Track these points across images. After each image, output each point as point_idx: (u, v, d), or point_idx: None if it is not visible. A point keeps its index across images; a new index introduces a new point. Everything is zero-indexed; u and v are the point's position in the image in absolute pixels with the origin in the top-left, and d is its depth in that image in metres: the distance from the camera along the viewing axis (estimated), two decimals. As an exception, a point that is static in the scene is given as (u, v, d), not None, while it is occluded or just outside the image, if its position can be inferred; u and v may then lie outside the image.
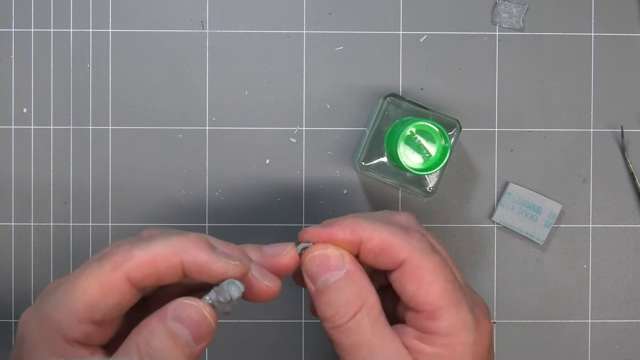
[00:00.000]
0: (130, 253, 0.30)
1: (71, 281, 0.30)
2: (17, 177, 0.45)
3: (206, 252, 0.31)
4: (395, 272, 0.32)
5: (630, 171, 0.46)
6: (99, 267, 0.30)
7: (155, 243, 0.30)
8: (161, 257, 0.30)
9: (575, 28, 0.46)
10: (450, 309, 0.31)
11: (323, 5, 0.45)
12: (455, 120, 0.40)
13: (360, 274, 0.33)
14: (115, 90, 0.45)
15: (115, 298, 0.30)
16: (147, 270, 0.30)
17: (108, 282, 0.30)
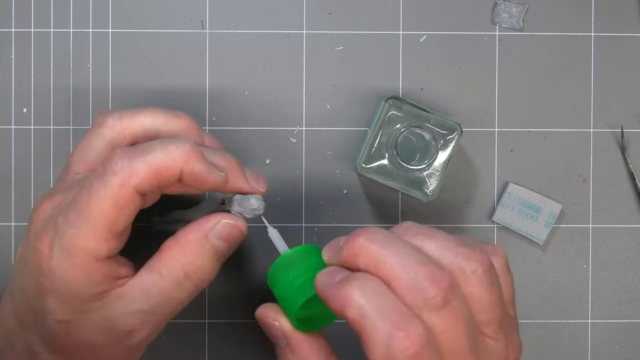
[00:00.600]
0: (134, 167, 0.32)
1: (81, 205, 0.32)
2: (17, 177, 0.45)
3: (203, 163, 0.33)
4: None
5: (630, 171, 0.46)
6: (108, 187, 0.31)
7: (156, 152, 0.32)
8: (164, 168, 0.32)
9: (575, 28, 0.46)
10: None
11: (323, 5, 0.45)
12: (456, 124, 0.40)
13: (301, 348, 0.33)
14: (115, 90, 0.45)
15: (130, 210, 0.32)
16: (152, 181, 0.32)
17: (121, 199, 0.31)
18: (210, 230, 0.34)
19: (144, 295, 0.33)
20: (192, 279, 0.33)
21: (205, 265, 0.34)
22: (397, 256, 0.29)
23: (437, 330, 0.28)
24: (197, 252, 0.33)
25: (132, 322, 0.32)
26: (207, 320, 0.45)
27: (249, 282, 0.46)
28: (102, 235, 0.32)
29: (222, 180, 0.34)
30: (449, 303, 0.28)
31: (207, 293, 0.45)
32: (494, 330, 0.30)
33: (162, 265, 0.33)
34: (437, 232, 0.31)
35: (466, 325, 0.29)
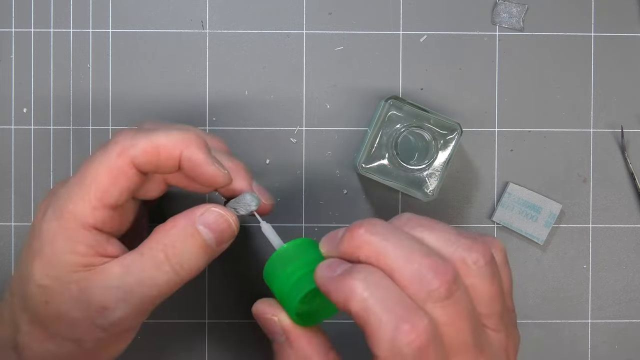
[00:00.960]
0: (135, 139, 0.32)
1: (80, 173, 0.33)
2: (17, 177, 0.45)
3: (203, 153, 0.33)
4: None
5: (630, 171, 0.46)
6: (105, 154, 0.32)
7: (159, 133, 0.33)
8: (164, 146, 0.32)
9: (575, 28, 0.46)
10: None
11: (323, 5, 0.45)
12: (457, 124, 0.40)
13: (300, 343, 0.32)
14: (115, 90, 0.45)
15: (123, 182, 0.32)
16: (150, 157, 0.32)
17: (116, 167, 0.32)
18: (197, 216, 0.34)
19: (123, 272, 0.32)
20: (172, 262, 0.33)
21: (186, 251, 0.33)
22: (399, 248, 0.29)
23: (440, 322, 0.28)
24: (180, 235, 0.33)
25: (107, 298, 0.32)
26: (207, 320, 0.45)
27: (249, 282, 0.46)
28: (92, 202, 0.32)
29: (223, 176, 0.34)
30: (452, 294, 0.28)
31: (207, 293, 0.45)
32: (495, 322, 0.30)
33: (144, 246, 0.33)
34: (437, 224, 0.31)
35: (469, 317, 0.29)
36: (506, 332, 0.31)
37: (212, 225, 0.34)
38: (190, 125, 0.38)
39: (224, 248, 0.35)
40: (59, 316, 0.32)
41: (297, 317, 0.33)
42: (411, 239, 0.29)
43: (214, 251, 0.34)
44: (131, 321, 0.33)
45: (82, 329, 0.32)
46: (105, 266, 0.32)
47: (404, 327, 0.27)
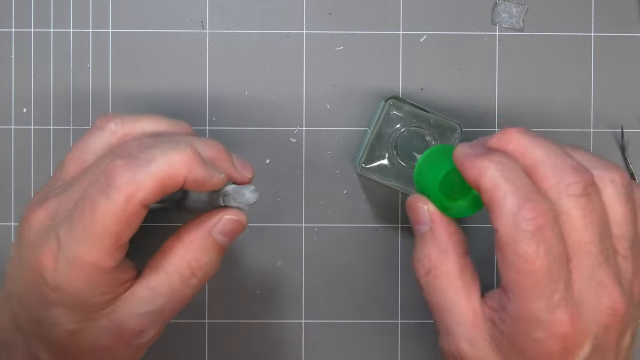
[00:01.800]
0: (139, 181, 0.31)
1: (87, 223, 0.31)
2: (17, 177, 0.45)
3: (204, 170, 0.33)
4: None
5: (630, 171, 0.46)
6: (112, 203, 0.31)
7: (159, 163, 0.31)
8: (168, 178, 0.32)
9: (575, 28, 0.46)
10: (522, 297, 0.30)
11: (323, 5, 0.45)
12: (457, 124, 0.40)
13: (442, 234, 0.34)
14: (115, 90, 0.45)
15: (135, 222, 0.32)
16: (157, 192, 0.32)
17: (127, 214, 0.31)
18: (213, 227, 0.34)
19: (152, 295, 0.33)
20: (198, 275, 0.34)
21: (209, 261, 0.34)
22: (546, 147, 0.31)
23: (571, 215, 0.30)
24: (201, 248, 0.34)
25: (143, 322, 0.33)
26: (207, 320, 0.45)
27: (249, 282, 0.46)
28: (109, 250, 0.31)
29: (222, 181, 0.34)
30: (588, 195, 0.30)
31: (207, 293, 0.45)
32: (625, 247, 0.31)
33: (168, 264, 0.33)
34: (578, 148, 0.33)
35: (599, 223, 0.30)
36: (634, 265, 0.31)
37: (228, 232, 0.35)
38: (181, 121, 0.37)
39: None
40: (93, 348, 0.33)
41: (440, 206, 0.35)
42: (559, 146, 0.32)
43: (227, 248, 0.36)
44: (159, 332, 0.34)
45: (118, 352, 0.33)
46: (133, 292, 0.33)
47: (526, 205, 0.29)
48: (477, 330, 0.32)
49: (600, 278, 0.30)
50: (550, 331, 0.30)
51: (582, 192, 0.30)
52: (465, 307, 0.33)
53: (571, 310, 0.30)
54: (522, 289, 0.30)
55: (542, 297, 0.29)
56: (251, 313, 0.46)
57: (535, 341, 0.30)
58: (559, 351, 0.30)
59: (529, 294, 0.30)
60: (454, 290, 0.33)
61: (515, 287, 0.30)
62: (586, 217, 0.30)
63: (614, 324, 0.31)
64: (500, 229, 0.30)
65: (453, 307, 0.33)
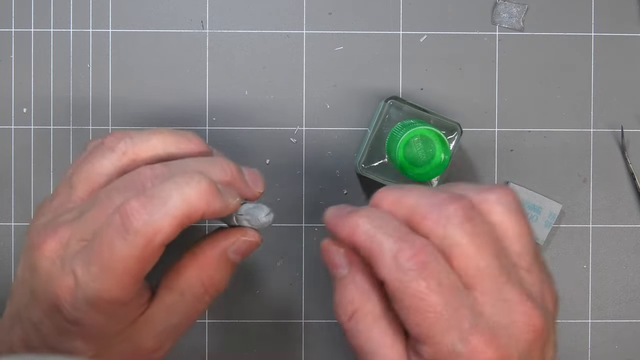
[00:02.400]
0: (157, 224, 0.30)
1: (106, 263, 0.31)
2: (17, 177, 0.45)
3: (220, 200, 0.32)
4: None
5: (630, 171, 0.46)
6: (132, 247, 0.30)
7: (175, 202, 0.31)
8: (186, 217, 0.31)
9: (575, 28, 0.46)
10: (432, 337, 0.29)
11: (323, 5, 0.45)
12: (456, 124, 0.40)
13: (360, 276, 0.32)
14: (115, 90, 0.45)
15: (154, 260, 0.31)
16: (176, 231, 0.31)
17: (145, 256, 0.31)
18: (229, 247, 0.34)
19: (168, 315, 0.33)
20: (210, 292, 0.34)
21: (222, 278, 0.34)
22: (416, 191, 0.31)
23: (461, 244, 0.29)
24: (216, 268, 0.34)
25: (159, 340, 0.33)
26: (207, 320, 0.45)
27: (249, 281, 0.46)
28: (128, 286, 0.31)
29: (237, 205, 0.34)
30: (471, 219, 0.29)
31: (207, 293, 0.45)
32: (528, 260, 0.31)
33: (182, 283, 0.34)
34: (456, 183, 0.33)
35: (492, 243, 0.30)
36: (540, 276, 0.31)
37: (242, 252, 0.35)
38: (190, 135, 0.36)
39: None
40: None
41: (408, 173, 0.39)
42: (428, 188, 0.32)
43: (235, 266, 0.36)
44: (175, 344, 0.35)
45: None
46: (149, 314, 0.33)
47: (404, 246, 0.29)
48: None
49: (508, 297, 0.29)
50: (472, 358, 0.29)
51: (464, 218, 0.29)
52: (391, 348, 0.31)
53: (486, 335, 0.29)
54: (428, 328, 0.29)
55: (451, 329, 0.29)
56: (251, 313, 0.45)
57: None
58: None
59: (437, 330, 0.29)
60: (379, 331, 0.31)
61: (422, 329, 0.29)
62: (475, 241, 0.29)
63: (534, 340, 0.30)
64: (386, 276, 0.29)
65: (379, 351, 0.31)
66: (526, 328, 0.29)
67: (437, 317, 0.29)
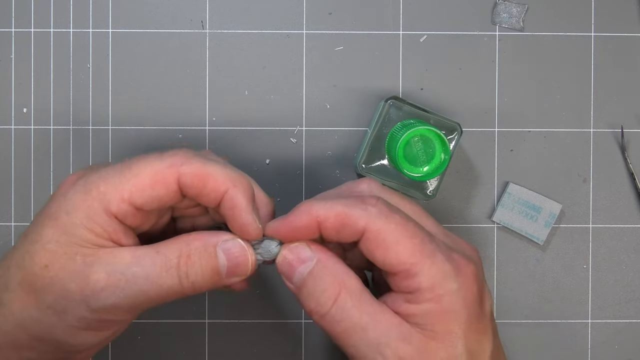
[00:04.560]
0: (190, 160, 0.33)
1: (126, 163, 0.33)
2: (17, 177, 0.45)
3: (247, 199, 0.33)
4: (361, 243, 0.32)
5: (630, 171, 0.46)
6: (158, 160, 0.33)
7: (214, 164, 0.33)
8: (214, 177, 0.33)
9: (575, 28, 0.46)
10: (424, 262, 0.31)
11: (323, 5, 0.45)
12: (456, 124, 0.40)
13: (331, 259, 0.33)
14: (115, 90, 0.45)
15: (161, 191, 0.32)
16: (197, 181, 0.32)
17: (162, 174, 0.32)
18: (221, 240, 0.34)
19: (132, 261, 0.32)
20: (180, 270, 0.33)
21: (197, 265, 0.33)
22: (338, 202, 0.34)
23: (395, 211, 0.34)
24: (198, 249, 0.33)
25: (108, 279, 0.32)
26: (207, 320, 0.45)
27: (249, 282, 0.46)
28: (123, 194, 0.32)
29: (255, 229, 0.34)
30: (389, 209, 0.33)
31: (207, 293, 0.45)
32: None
33: (162, 245, 0.33)
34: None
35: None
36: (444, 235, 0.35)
37: (231, 255, 0.34)
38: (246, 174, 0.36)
39: (232, 282, 0.34)
40: (53, 282, 0.32)
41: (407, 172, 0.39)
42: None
43: (221, 280, 0.34)
44: (121, 313, 0.33)
45: (71, 303, 0.32)
46: (116, 250, 0.32)
47: (364, 199, 0.33)
48: (406, 327, 0.32)
49: (449, 234, 0.35)
50: (463, 275, 0.32)
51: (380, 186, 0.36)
52: (385, 312, 0.32)
53: (461, 254, 0.33)
54: (419, 254, 0.31)
55: (436, 251, 0.32)
56: (251, 313, 0.46)
57: (458, 291, 0.31)
58: (479, 292, 0.32)
59: (426, 253, 0.31)
60: (369, 301, 0.32)
61: (413, 257, 0.31)
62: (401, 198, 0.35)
63: (480, 265, 0.34)
64: (366, 225, 0.32)
65: (376, 317, 0.32)
66: (474, 254, 0.35)
67: (422, 241, 0.32)
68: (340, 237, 0.33)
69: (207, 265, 0.33)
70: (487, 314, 0.33)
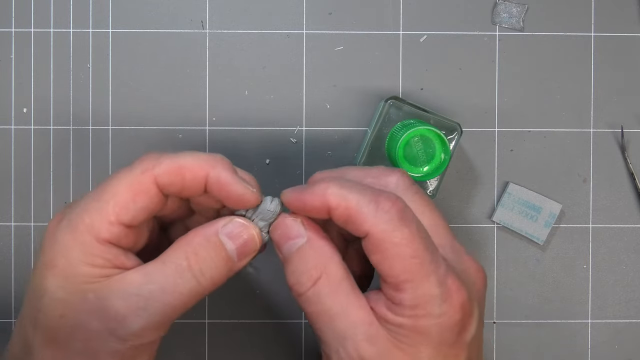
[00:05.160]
0: (159, 160, 0.32)
1: (101, 187, 0.32)
2: (17, 177, 0.45)
3: (230, 173, 0.33)
4: (363, 240, 0.32)
5: (630, 171, 0.46)
6: (129, 172, 0.32)
7: (185, 155, 0.32)
8: (189, 167, 0.32)
9: (575, 28, 0.46)
10: (415, 282, 0.30)
11: (323, 5, 0.45)
12: (456, 124, 0.40)
13: (321, 241, 0.33)
14: (115, 90, 0.45)
15: (143, 200, 0.32)
16: (174, 177, 0.32)
17: (138, 184, 0.32)
18: (220, 227, 0.33)
19: (144, 280, 0.31)
20: (194, 270, 0.32)
21: (209, 259, 0.33)
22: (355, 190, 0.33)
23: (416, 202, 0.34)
24: (202, 243, 0.33)
25: (127, 306, 0.31)
26: (207, 320, 0.45)
27: (249, 282, 0.46)
28: (109, 217, 0.31)
29: (252, 194, 0.33)
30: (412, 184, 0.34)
31: (207, 293, 0.45)
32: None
33: (166, 254, 0.32)
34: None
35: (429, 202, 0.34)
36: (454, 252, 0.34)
37: (234, 236, 0.33)
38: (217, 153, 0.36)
39: (245, 263, 0.34)
40: (76, 329, 0.31)
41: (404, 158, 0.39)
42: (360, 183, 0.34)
43: (235, 265, 0.34)
44: (151, 333, 0.32)
45: (100, 342, 0.31)
46: (125, 274, 0.32)
47: (380, 199, 0.31)
48: (375, 328, 0.31)
49: (457, 248, 0.33)
50: (450, 302, 0.31)
51: (410, 184, 0.34)
52: (359, 307, 0.32)
53: (457, 278, 0.31)
54: (412, 273, 0.30)
55: (432, 274, 0.30)
56: (251, 313, 0.46)
57: (439, 318, 0.31)
58: (461, 320, 0.31)
59: (420, 275, 0.30)
60: (346, 292, 0.32)
61: (406, 275, 0.30)
62: (425, 202, 0.34)
63: (483, 282, 0.34)
64: (371, 228, 0.31)
65: (347, 310, 0.32)
66: (476, 274, 0.34)
67: (421, 262, 0.30)
68: (345, 228, 0.32)
69: (217, 255, 0.33)
70: (464, 342, 0.32)
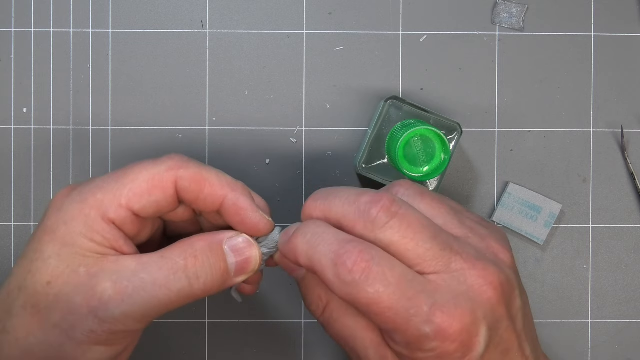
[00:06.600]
0: (187, 164, 0.33)
1: (122, 170, 0.33)
2: (17, 177, 0.45)
3: (249, 199, 0.33)
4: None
5: (630, 171, 0.46)
6: (154, 165, 0.32)
7: (210, 170, 0.33)
8: (210, 182, 0.33)
9: (575, 28, 0.46)
10: (399, 330, 0.30)
11: (323, 5, 0.45)
12: (456, 124, 0.40)
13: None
14: (115, 90, 0.45)
15: (158, 196, 0.32)
16: (194, 185, 0.32)
17: (159, 179, 0.32)
18: (226, 238, 0.33)
19: (138, 268, 0.31)
20: (189, 272, 0.32)
21: (206, 265, 0.32)
22: (340, 197, 0.32)
23: (395, 241, 0.31)
24: (204, 249, 0.33)
25: (115, 287, 0.30)
26: (207, 320, 0.45)
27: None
28: (120, 200, 0.31)
29: (266, 223, 0.34)
30: (394, 215, 0.31)
31: (207, 293, 0.45)
32: (457, 226, 0.33)
33: (166, 250, 0.32)
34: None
35: (424, 226, 0.31)
36: (481, 233, 0.33)
37: (238, 250, 0.33)
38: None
39: (240, 281, 0.34)
40: (58, 298, 0.31)
41: (407, 172, 0.39)
42: (346, 189, 0.33)
43: (230, 279, 0.34)
44: (131, 322, 0.31)
45: (78, 318, 0.30)
46: (120, 258, 0.31)
47: (341, 260, 0.30)
48: (383, 349, 0.32)
49: (458, 266, 0.31)
50: (441, 336, 0.30)
51: (389, 216, 0.31)
52: (367, 329, 0.33)
53: (448, 310, 0.30)
54: (392, 323, 0.30)
55: (413, 317, 0.30)
56: (251, 313, 0.46)
57: (434, 351, 0.30)
58: (459, 348, 0.30)
59: (400, 322, 0.30)
60: (353, 316, 0.33)
61: (387, 325, 0.30)
62: (407, 235, 0.31)
63: (495, 296, 0.31)
64: (336, 292, 0.30)
65: (356, 333, 0.33)
66: (483, 288, 0.31)
67: (395, 312, 0.30)
68: None
69: (215, 264, 0.33)
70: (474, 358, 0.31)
